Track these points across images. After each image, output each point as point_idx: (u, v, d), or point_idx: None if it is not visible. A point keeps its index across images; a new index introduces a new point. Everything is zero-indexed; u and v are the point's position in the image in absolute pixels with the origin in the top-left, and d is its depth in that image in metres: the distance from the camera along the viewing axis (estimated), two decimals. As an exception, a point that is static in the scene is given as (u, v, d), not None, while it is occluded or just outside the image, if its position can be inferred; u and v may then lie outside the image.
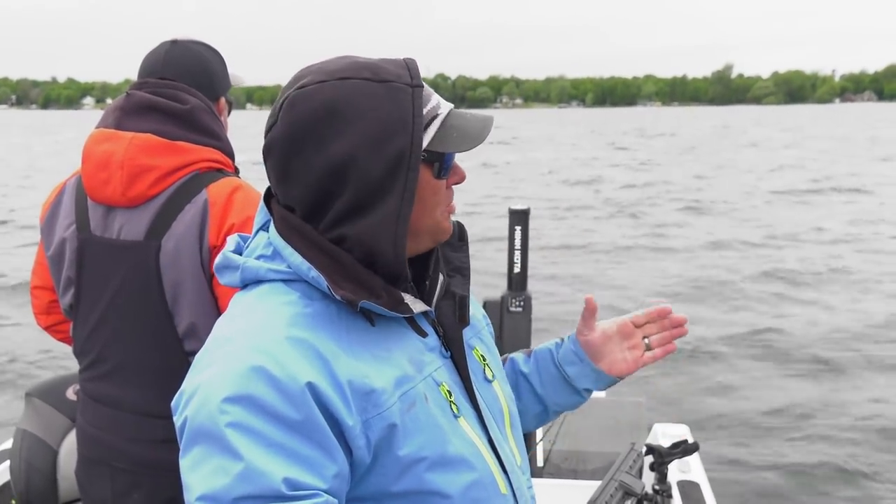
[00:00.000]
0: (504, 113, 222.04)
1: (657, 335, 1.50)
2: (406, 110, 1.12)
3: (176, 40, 2.13)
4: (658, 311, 1.49)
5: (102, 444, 2.00)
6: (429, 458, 1.11)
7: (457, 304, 1.27)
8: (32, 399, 2.44)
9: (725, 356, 8.30)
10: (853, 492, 5.46)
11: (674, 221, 17.34)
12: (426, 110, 1.15)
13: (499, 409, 1.31)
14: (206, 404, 1.00)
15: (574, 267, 12.73)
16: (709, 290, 11.13)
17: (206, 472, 0.97)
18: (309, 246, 1.14)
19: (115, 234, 1.92)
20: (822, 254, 13.50)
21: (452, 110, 1.20)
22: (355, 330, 1.13)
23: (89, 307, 1.98)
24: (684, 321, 1.50)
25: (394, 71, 1.15)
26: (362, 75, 1.13)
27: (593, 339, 1.48)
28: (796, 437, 6.29)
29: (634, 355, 1.48)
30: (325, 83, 1.12)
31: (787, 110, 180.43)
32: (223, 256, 1.21)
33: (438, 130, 1.17)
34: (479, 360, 1.32)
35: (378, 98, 1.12)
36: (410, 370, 1.15)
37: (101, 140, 1.93)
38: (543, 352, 1.54)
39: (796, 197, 21.06)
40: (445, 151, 1.17)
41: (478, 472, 1.17)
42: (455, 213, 1.27)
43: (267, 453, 0.97)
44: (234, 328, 1.11)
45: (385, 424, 1.08)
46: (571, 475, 3.71)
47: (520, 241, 4.03)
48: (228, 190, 1.91)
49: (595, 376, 1.49)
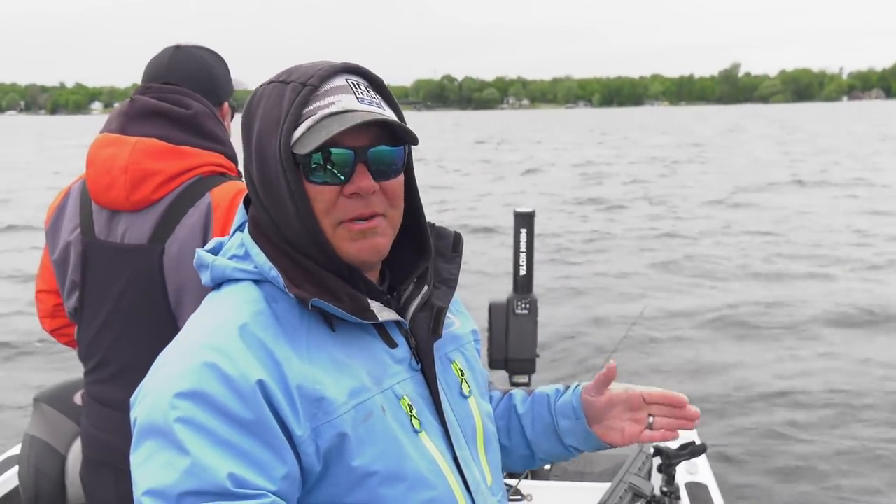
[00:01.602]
0: (511, 114, 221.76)
1: (664, 419, 1.36)
2: (284, 109, 1.11)
3: (179, 46, 2.14)
4: (673, 399, 1.36)
5: (107, 447, 2.01)
6: (382, 471, 1.08)
7: (433, 316, 1.23)
8: (40, 405, 2.44)
9: (733, 355, 8.27)
10: (864, 492, 5.42)
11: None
12: (308, 108, 1.11)
13: (471, 426, 1.26)
14: (158, 400, 1.00)
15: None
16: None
17: (153, 467, 0.97)
18: (274, 248, 1.15)
19: (119, 237, 1.93)
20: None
21: (342, 112, 1.11)
22: (316, 334, 1.12)
23: (94, 311, 1.99)
24: (697, 416, 1.37)
25: (308, 72, 1.13)
26: (280, 78, 1.15)
27: (598, 403, 1.38)
28: (805, 437, 6.26)
29: (633, 430, 1.37)
30: (258, 88, 1.18)
31: (796, 108, 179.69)
32: (197, 255, 1.22)
33: (307, 130, 1.10)
34: (457, 374, 1.28)
35: (271, 99, 1.13)
36: (368, 381, 1.12)
37: (106, 145, 1.94)
38: (542, 396, 1.45)
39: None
40: (303, 151, 1.09)
41: (436, 490, 1.13)
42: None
43: (214, 450, 0.97)
44: (195, 326, 1.11)
45: (335, 433, 1.06)
46: (579, 478, 3.70)
47: (525, 243, 4.02)
48: (231, 193, 1.91)
49: (585, 437, 1.40)
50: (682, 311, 9.84)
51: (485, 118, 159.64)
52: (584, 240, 15.15)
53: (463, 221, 16.78)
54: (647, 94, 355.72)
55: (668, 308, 9.92)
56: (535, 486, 3.18)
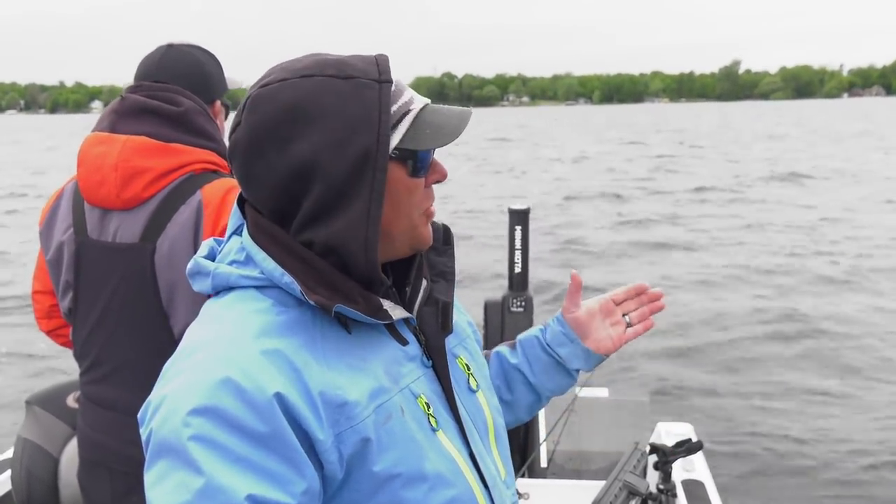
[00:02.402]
0: (512, 111, 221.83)
1: (636, 311, 1.49)
2: (371, 107, 1.07)
3: (172, 44, 2.12)
4: (636, 288, 1.49)
5: (102, 447, 2.00)
6: (404, 474, 1.07)
7: (440, 311, 1.23)
8: (33, 407, 2.42)
9: (730, 352, 8.28)
10: (861, 491, 5.43)
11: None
12: (396, 106, 1.10)
13: (482, 421, 1.27)
14: (170, 417, 0.96)
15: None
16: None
17: (167, 488, 0.93)
18: (282, 250, 1.09)
19: (110, 236, 1.91)
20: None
21: (428, 105, 1.15)
22: (331, 338, 1.09)
23: (87, 310, 1.98)
24: (661, 296, 1.50)
25: (361, 67, 1.10)
26: (326, 72, 1.08)
27: (580, 317, 1.46)
28: (803, 435, 6.27)
29: (617, 332, 1.47)
30: (287, 81, 1.08)
31: (796, 105, 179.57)
32: (194, 262, 1.17)
33: (410, 127, 1.11)
34: (464, 370, 1.28)
35: (341, 96, 1.07)
36: (387, 382, 1.10)
37: (96, 143, 1.93)
38: (530, 339, 1.50)
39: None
40: (418, 149, 1.11)
41: (456, 489, 1.13)
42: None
43: (230, 468, 0.93)
44: (203, 337, 1.06)
45: (358, 438, 1.03)
46: (575, 475, 3.70)
47: (520, 241, 4.00)
48: (223, 191, 1.90)
49: (585, 356, 1.47)
50: (681, 309, 9.85)
51: (487, 115, 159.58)
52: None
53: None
54: (647, 91, 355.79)
55: (670, 303, 9.92)
56: (532, 484, 3.17)
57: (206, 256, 1.18)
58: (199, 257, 1.17)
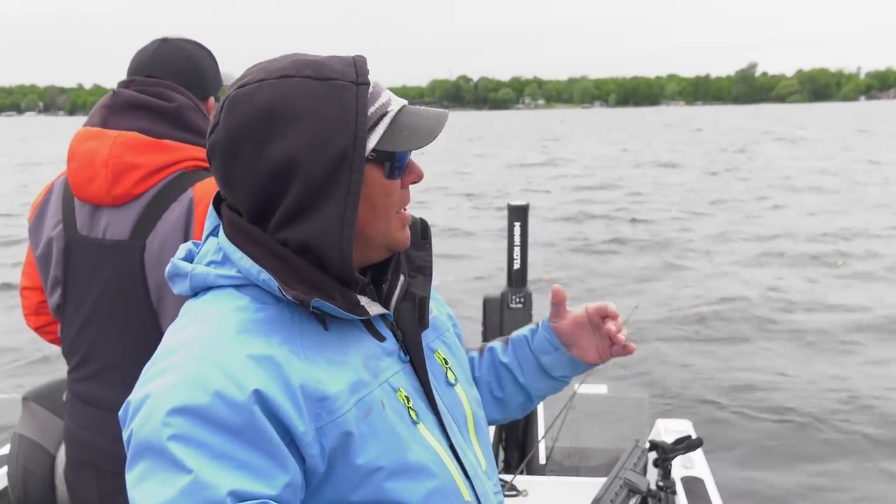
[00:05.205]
0: (530, 114, 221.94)
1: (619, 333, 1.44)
2: (348, 109, 1.09)
3: (166, 38, 2.11)
4: (605, 310, 1.43)
5: (89, 446, 1.99)
6: (387, 466, 1.08)
7: (416, 307, 1.24)
8: (29, 403, 2.42)
9: (729, 349, 8.23)
10: (861, 488, 5.38)
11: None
12: (374, 108, 1.12)
13: (461, 414, 1.29)
14: (150, 417, 0.97)
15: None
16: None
17: (149, 487, 0.93)
18: (259, 249, 1.11)
19: (100, 233, 1.90)
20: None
21: (406, 107, 1.17)
22: (309, 334, 1.10)
23: (76, 307, 1.96)
24: (618, 322, 1.43)
25: (338, 68, 1.12)
26: (304, 73, 1.10)
27: (566, 328, 1.46)
28: (802, 430, 6.23)
29: (605, 344, 1.45)
30: (264, 82, 1.10)
31: (813, 108, 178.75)
32: (172, 264, 1.18)
33: (388, 129, 1.13)
34: (441, 364, 1.29)
35: (318, 97, 1.08)
36: (366, 376, 1.12)
37: (87, 138, 1.91)
38: (520, 339, 1.52)
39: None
40: (395, 150, 1.13)
41: (438, 480, 1.14)
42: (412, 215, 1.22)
43: (211, 464, 0.93)
44: (182, 337, 1.07)
45: (340, 432, 1.05)
46: (574, 472, 3.68)
47: (519, 237, 3.99)
48: (214, 188, 1.87)
49: (570, 364, 1.48)
50: (680, 305, 9.83)
51: (502, 118, 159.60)
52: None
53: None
54: (663, 94, 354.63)
55: (664, 301, 9.98)
56: (531, 481, 3.17)
57: (184, 259, 1.20)
58: (176, 259, 1.19)
